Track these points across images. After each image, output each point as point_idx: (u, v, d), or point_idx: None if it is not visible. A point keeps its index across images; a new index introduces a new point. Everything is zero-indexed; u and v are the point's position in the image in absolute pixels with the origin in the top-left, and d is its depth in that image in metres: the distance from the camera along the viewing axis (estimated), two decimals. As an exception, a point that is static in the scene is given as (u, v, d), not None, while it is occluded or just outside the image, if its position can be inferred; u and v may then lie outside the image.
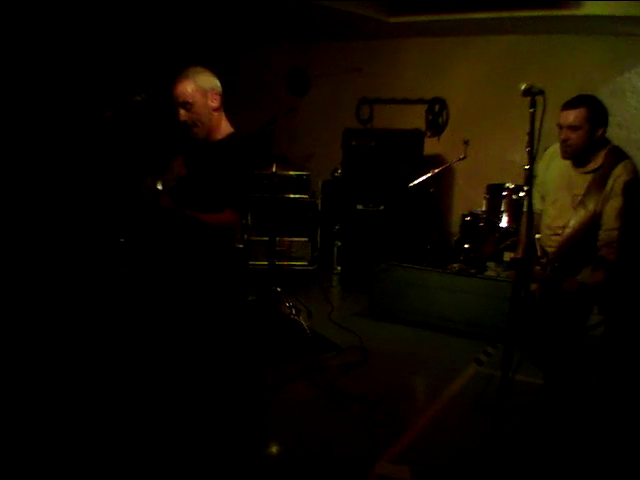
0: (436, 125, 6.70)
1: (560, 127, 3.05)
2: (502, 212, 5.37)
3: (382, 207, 6.01)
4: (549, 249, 3.17)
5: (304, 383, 3.91)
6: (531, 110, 2.52)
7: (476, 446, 3.09)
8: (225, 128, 2.97)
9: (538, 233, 3.33)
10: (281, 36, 7.03)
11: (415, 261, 5.50)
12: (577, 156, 3.08)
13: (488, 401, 2.97)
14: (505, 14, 5.29)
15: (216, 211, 2.88)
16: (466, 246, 5.61)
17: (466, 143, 5.35)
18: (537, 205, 3.34)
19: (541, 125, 2.50)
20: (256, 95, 7.57)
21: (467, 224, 5.74)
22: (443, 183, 6.56)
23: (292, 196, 6.29)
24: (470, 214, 5.76)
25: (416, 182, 5.40)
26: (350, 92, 7.13)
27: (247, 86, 7.69)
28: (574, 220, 3.04)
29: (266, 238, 5.48)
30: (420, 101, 6.74)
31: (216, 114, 2.92)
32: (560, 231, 3.11)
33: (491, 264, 5.28)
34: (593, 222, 3.00)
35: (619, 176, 2.96)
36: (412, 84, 6.81)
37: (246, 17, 6.04)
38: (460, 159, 5.46)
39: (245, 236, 5.66)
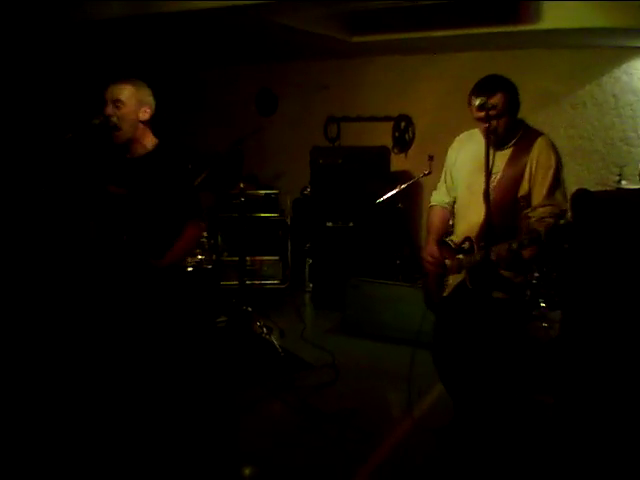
0: (402, 142, 6.78)
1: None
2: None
3: (351, 224, 6.04)
4: (472, 234, 3.00)
5: (277, 402, 3.90)
6: (485, 125, 2.57)
7: (448, 462, 3.10)
8: (151, 140, 2.99)
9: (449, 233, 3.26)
10: (249, 56, 7.07)
11: (386, 276, 5.53)
12: (502, 139, 2.97)
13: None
14: (466, 31, 5.36)
15: (179, 229, 2.92)
16: (435, 260, 5.64)
17: (431, 158, 5.37)
18: (444, 198, 3.35)
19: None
20: (225, 115, 7.59)
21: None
22: (412, 198, 6.59)
23: (262, 215, 6.29)
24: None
25: (383, 198, 5.43)
26: (318, 110, 7.18)
27: (216, 106, 7.71)
28: (496, 192, 2.89)
29: (236, 258, 5.47)
30: (386, 118, 6.81)
31: (142, 126, 2.94)
32: (476, 215, 2.95)
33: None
34: (515, 192, 2.90)
35: (542, 150, 2.90)
36: (378, 102, 6.88)
37: (213, 38, 6.06)
38: (425, 174, 5.48)
39: (214, 257, 5.63)
